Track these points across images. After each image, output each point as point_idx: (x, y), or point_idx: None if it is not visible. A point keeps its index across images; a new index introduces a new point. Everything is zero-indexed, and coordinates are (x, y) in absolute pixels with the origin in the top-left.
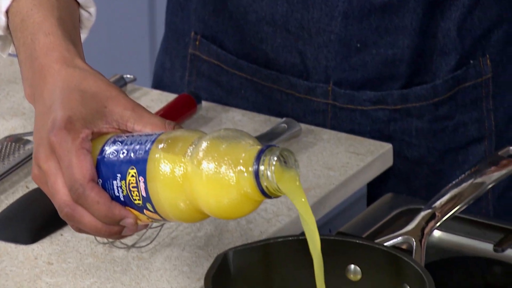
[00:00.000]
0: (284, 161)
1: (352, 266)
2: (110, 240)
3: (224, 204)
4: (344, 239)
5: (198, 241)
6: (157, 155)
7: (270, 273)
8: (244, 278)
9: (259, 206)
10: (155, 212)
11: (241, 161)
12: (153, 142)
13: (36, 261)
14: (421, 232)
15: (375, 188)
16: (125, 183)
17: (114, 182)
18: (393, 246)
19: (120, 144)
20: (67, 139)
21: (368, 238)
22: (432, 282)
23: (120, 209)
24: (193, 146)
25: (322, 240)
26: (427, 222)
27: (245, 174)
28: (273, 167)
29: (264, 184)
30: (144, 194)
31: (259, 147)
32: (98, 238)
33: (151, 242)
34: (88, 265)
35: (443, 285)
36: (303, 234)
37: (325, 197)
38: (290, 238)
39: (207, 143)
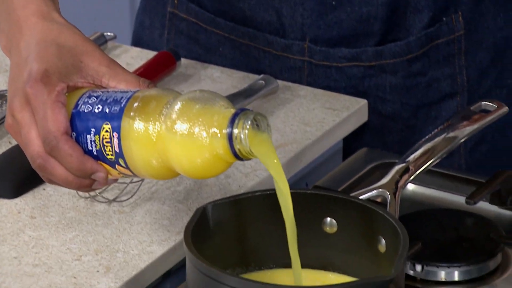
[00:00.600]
0: (257, 124)
1: (328, 219)
2: (92, 194)
3: (197, 164)
4: (320, 193)
5: (178, 195)
6: (132, 113)
7: (248, 226)
8: (223, 231)
9: (230, 166)
10: (127, 167)
11: (215, 123)
12: (128, 99)
13: (19, 215)
14: (395, 185)
15: (350, 143)
16: (99, 138)
17: (88, 136)
18: (368, 199)
19: (95, 99)
20: (43, 91)
21: (343, 192)
22: (406, 234)
23: (92, 163)
24: (168, 106)
25: (298, 194)
26: (401, 176)
27: (219, 136)
28: (246, 131)
29: (237, 147)
30: (117, 150)
31: (233, 110)
32: (80, 193)
33: (131, 196)
34: (70, 219)
35: (417, 237)
36: None
37: (301, 152)
38: (268, 192)
39: (182, 104)
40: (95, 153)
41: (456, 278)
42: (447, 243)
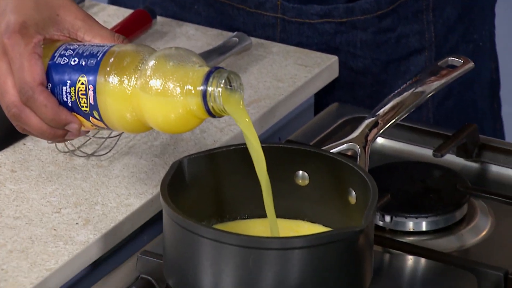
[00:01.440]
0: (230, 83)
1: (300, 172)
2: (71, 149)
3: (170, 120)
4: (292, 147)
5: (155, 150)
6: (108, 68)
7: (223, 179)
8: (198, 185)
9: (202, 122)
10: (101, 120)
11: (189, 80)
12: (104, 53)
13: (0, 169)
14: (365, 139)
15: (322, 98)
16: (74, 90)
17: (63, 88)
18: (339, 153)
19: (72, 51)
20: (20, 42)
21: (315, 146)
22: (375, 186)
23: (66, 114)
24: (144, 62)
25: (272, 148)
26: (370, 130)
27: (193, 93)
28: (220, 89)
29: (211, 104)
30: (92, 102)
31: (207, 69)
32: (59, 147)
33: (109, 151)
34: (50, 172)
35: (386, 189)
36: None
37: (274, 107)
38: (242, 146)
39: (157, 60)
40: (69, 104)
41: (424, 228)
42: (415, 195)
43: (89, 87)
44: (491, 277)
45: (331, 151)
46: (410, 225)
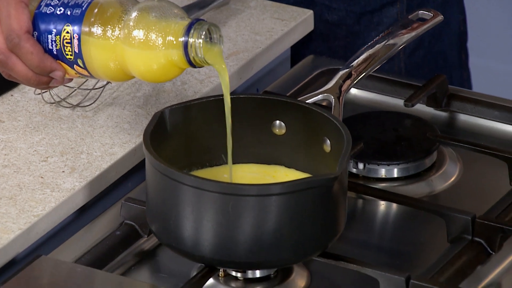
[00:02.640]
0: (210, 35)
1: (277, 121)
2: (57, 100)
3: (152, 69)
4: (270, 97)
5: (138, 101)
6: (92, 18)
7: (203, 128)
8: (179, 134)
9: (182, 72)
10: (85, 68)
11: (171, 32)
12: (89, 3)
13: None
14: (339, 90)
15: (298, 50)
16: (60, 38)
17: (49, 36)
18: (314, 103)
19: (58, 1)
20: None
21: (291, 96)
22: (349, 135)
23: (51, 62)
24: (127, 12)
25: (250, 99)
26: (344, 81)
27: (174, 44)
28: (201, 40)
29: (192, 55)
30: (76, 51)
31: (189, 20)
32: (46, 98)
33: (94, 101)
34: (36, 123)
35: (359, 138)
36: (233, 93)
37: (252, 59)
38: (221, 97)
39: (140, 12)
40: (55, 52)
41: (395, 175)
42: (387, 143)
43: (74, 36)
44: (459, 221)
45: (307, 101)
46: (382, 172)
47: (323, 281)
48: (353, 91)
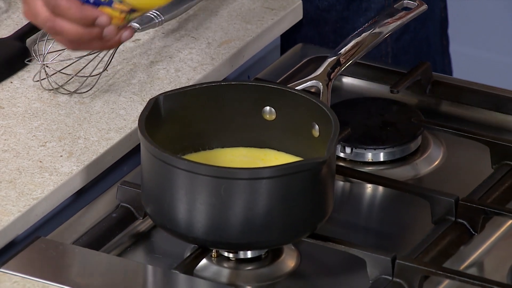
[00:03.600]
0: None
1: (268, 107)
2: (55, 86)
3: None
4: (261, 84)
5: (133, 88)
6: None
7: (196, 114)
8: (173, 119)
9: None
10: (121, 1)
11: None
12: None
13: None
14: (327, 76)
15: (288, 36)
16: None
17: None
18: (303, 90)
19: None
20: None
21: (281, 83)
22: (337, 120)
23: (91, 10)
24: None
25: (241, 85)
26: (332, 68)
27: None
28: None
29: None
30: None
31: None
32: (44, 85)
33: (91, 88)
34: (35, 109)
35: (347, 123)
36: (224, 80)
37: (243, 47)
38: (213, 84)
39: None
40: (91, 1)
41: (382, 159)
42: (373, 128)
43: None
44: (443, 203)
45: (296, 88)
46: (369, 156)
47: (312, 261)
48: (341, 78)
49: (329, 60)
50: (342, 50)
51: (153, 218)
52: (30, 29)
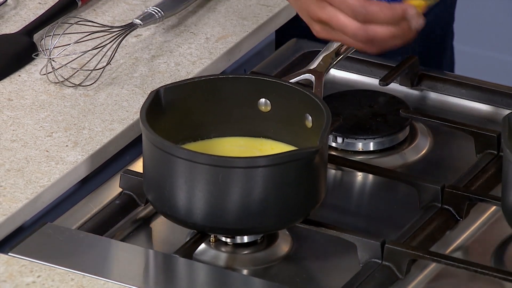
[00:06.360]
0: None
1: (263, 99)
2: (61, 80)
3: None
4: (256, 77)
5: (135, 81)
6: None
7: (195, 105)
8: (173, 111)
9: None
10: None
11: None
12: None
13: None
14: (320, 70)
15: (283, 34)
16: None
17: None
18: (297, 83)
19: None
20: None
21: (276, 77)
22: (329, 112)
23: (400, 5)
24: None
25: (238, 79)
26: (325, 62)
27: None
28: None
29: None
30: None
31: None
32: (50, 78)
33: (95, 81)
34: (42, 101)
35: (338, 114)
36: (222, 74)
37: (240, 42)
38: (211, 77)
39: None
40: None
41: (371, 148)
42: (363, 119)
43: None
44: (430, 190)
45: (290, 81)
46: (359, 146)
47: (305, 246)
48: (333, 71)
49: (322, 54)
50: (335, 45)
51: (154, 205)
52: (37, 25)
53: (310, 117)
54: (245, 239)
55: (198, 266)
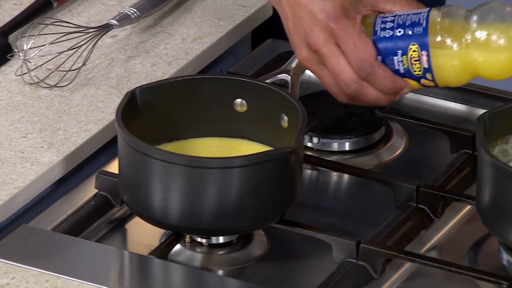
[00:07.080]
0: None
1: (239, 100)
2: (36, 81)
3: (505, 67)
4: (232, 77)
5: (111, 81)
6: (436, 34)
7: (171, 106)
8: (149, 111)
9: None
10: (433, 80)
11: None
12: (426, 19)
13: None
14: (296, 70)
15: (259, 34)
16: (407, 57)
17: (395, 58)
18: (273, 83)
19: (392, 23)
20: (348, 25)
21: (252, 77)
22: (304, 112)
23: (401, 81)
24: (466, 19)
25: (214, 79)
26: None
27: None
28: None
29: None
30: (426, 66)
31: None
32: (26, 79)
33: (70, 82)
34: (17, 102)
35: (314, 114)
36: (198, 74)
37: (216, 42)
38: (187, 78)
39: (479, 15)
40: (401, 71)
41: (347, 148)
42: (339, 119)
43: (422, 53)
44: (405, 190)
45: (266, 81)
46: (335, 146)
47: (281, 246)
48: (309, 71)
49: None
50: None
51: (130, 206)
52: (12, 26)
53: (286, 117)
54: (221, 239)
55: (173, 267)
